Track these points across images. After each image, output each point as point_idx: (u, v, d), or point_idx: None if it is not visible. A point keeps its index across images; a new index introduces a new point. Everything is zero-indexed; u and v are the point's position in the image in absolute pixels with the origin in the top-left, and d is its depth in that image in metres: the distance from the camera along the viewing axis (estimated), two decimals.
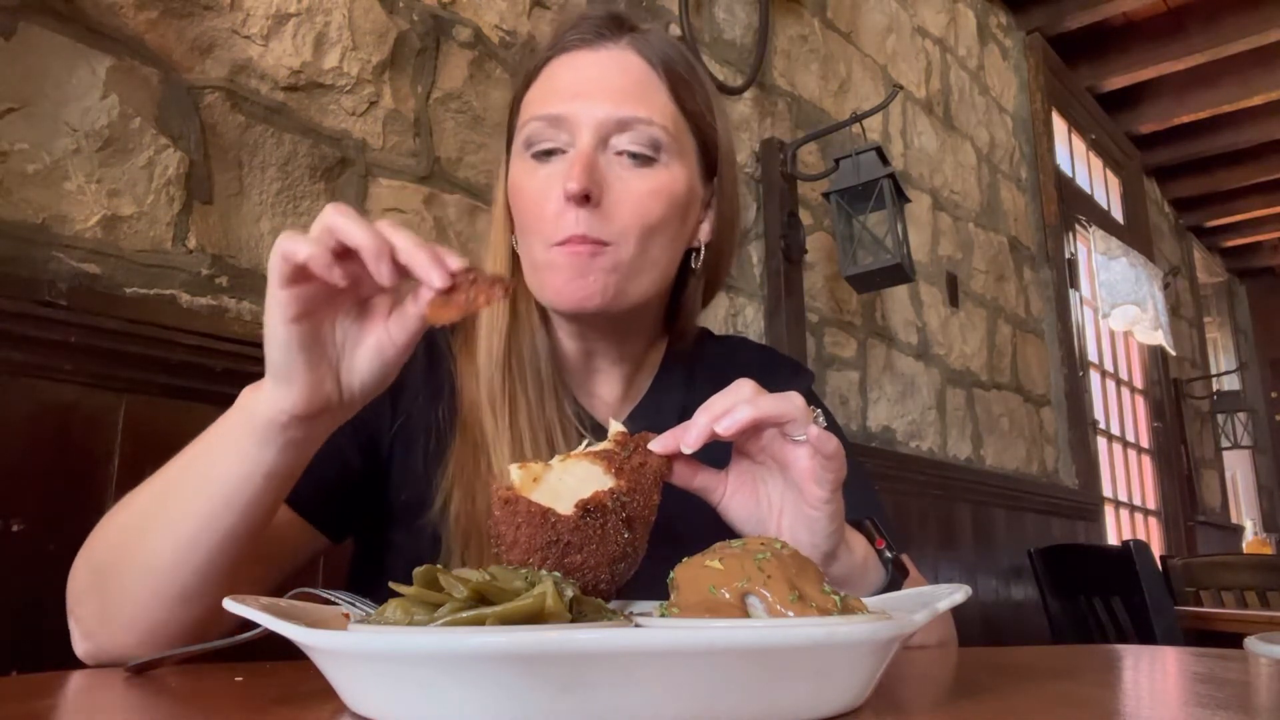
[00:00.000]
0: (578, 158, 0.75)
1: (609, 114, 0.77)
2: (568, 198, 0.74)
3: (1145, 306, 4.06)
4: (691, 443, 0.61)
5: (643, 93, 0.79)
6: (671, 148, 0.79)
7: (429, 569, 0.47)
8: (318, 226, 0.55)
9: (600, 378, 0.88)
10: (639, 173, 0.77)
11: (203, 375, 1.11)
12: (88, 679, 0.63)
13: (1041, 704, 0.48)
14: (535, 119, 0.79)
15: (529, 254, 0.80)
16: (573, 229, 0.75)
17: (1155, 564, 2.31)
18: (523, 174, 0.80)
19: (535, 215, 0.78)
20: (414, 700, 0.40)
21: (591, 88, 0.78)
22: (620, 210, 0.76)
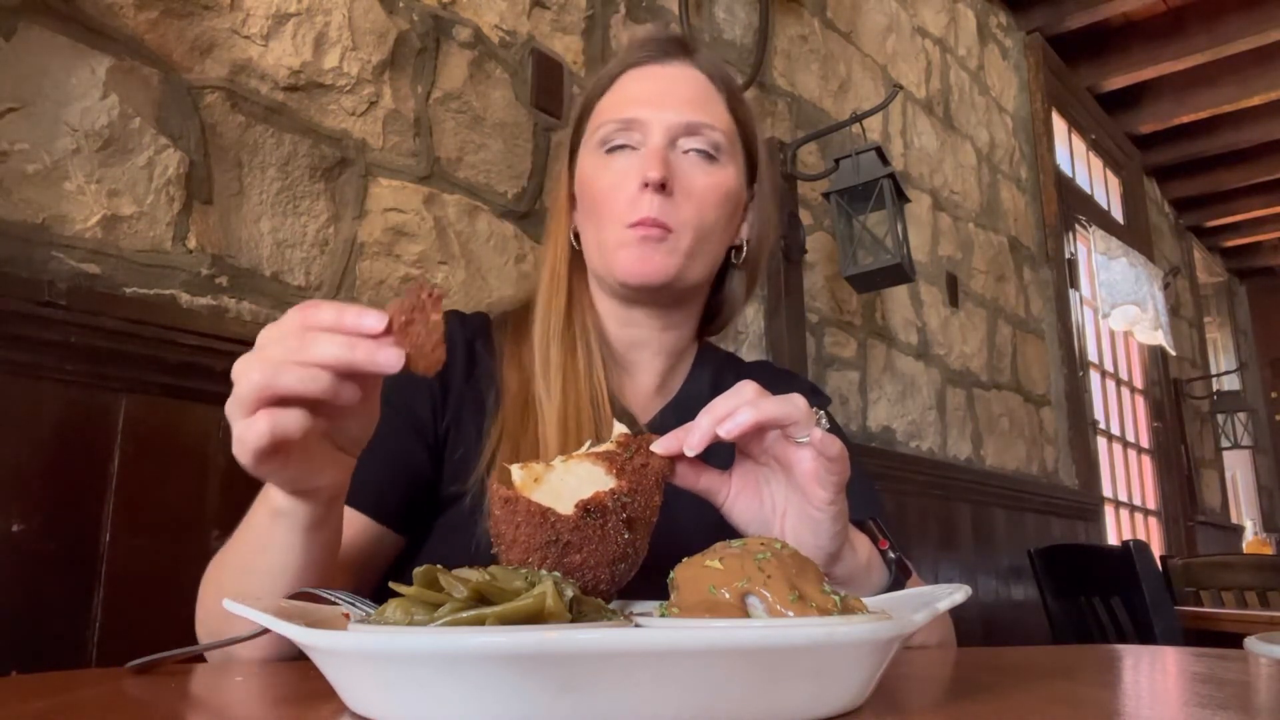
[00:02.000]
0: (654, 151, 0.86)
1: (678, 119, 0.88)
2: (648, 184, 0.84)
3: (1145, 306, 4.06)
4: (694, 445, 0.61)
5: (706, 102, 0.91)
6: (728, 151, 0.91)
7: (429, 569, 0.47)
8: (254, 388, 0.52)
9: (639, 369, 0.95)
10: (703, 169, 0.88)
11: (203, 375, 1.11)
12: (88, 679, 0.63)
13: (1041, 704, 0.48)
14: (610, 121, 0.89)
15: (599, 236, 0.89)
16: (647, 211, 0.85)
17: (1155, 564, 2.31)
18: (597, 167, 0.90)
19: (610, 201, 0.87)
20: (414, 700, 0.40)
21: (662, 97, 0.89)
22: (687, 200, 0.87)
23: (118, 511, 1.02)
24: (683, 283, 0.88)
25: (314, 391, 0.53)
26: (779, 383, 0.99)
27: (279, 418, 0.53)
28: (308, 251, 1.29)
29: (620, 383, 0.94)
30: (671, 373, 0.96)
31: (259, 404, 0.53)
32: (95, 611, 0.99)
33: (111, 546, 1.01)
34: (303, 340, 0.53)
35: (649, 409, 0.94)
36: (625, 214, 0.86)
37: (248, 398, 0.53)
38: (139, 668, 0.60)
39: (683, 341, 0.96)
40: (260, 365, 0.53)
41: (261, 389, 0.53)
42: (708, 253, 0.90)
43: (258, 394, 0.53)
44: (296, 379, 0.53)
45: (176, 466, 1.07)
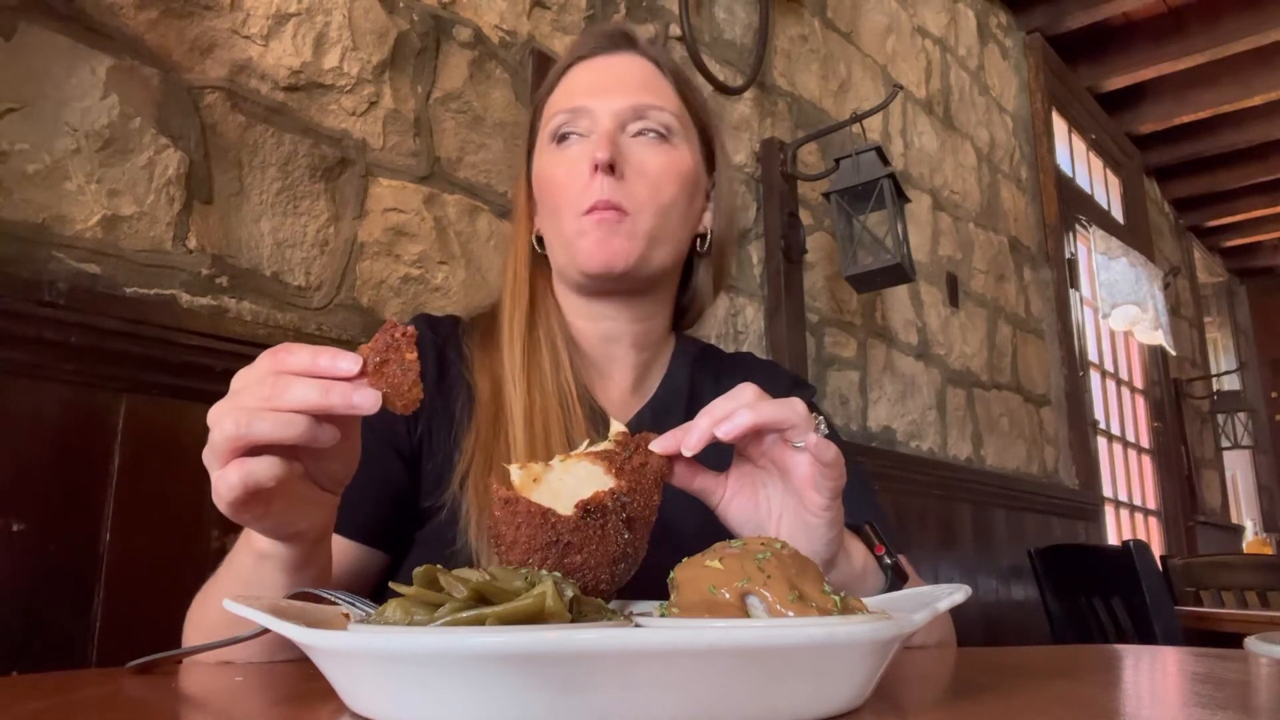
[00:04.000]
0: (602, 134, 0.86)
1: (625, 103, 0.88)
2: (596, 165, 0.84)
3: (1145, 306, 4.06)
4: (692, 445, 0.61)
5: (653, 86, 0.91)
6: (680, 132, 0.90)
7: (429, 569, 0.47)
8: (227, 438, 0.52)
9: (617, 367, 0.94)
10: (654, 149, 0.88)
11: (203, 375, 1.11)
12: (88, 679, 0.63)
13: (1041, 704, 0.48)
14: (559, 113, 0.89)
15: (559, 230, 0.88)
16: (599, 195, 0.84)
17: (1155, 564, 2.31)
18: (550, 160, 0.90)
19: (564, 191, 0.87)
20: (414, 700, 0.40)
21: (609, 84, 0.90)
22: (640, 181, 0.86)
23: (118, 511, 1.02)
24: (646, 268, 0.88)
25: (290, 438, 0.52)
26: (761, 373, 1.00)
27: (251, 467, 0.52)
28: (308, 251, 1.29)
29: (595, 382, 0.93)
30: (648, 368, 0.96)
31: (232, 454, 0.53)
32: (95, 611, 0.99)
33: (111, 546, 1.01)
34: (276, 386, 0.53)
35: (626, 408, 0.93)
36: (579, 201, 0.86)
37: (221, 448, 0.53)
38: (139, 668, 0.60)
39: (656, 334, 0.96)
40: (233, 414, 0.52)
41: (235, 439, 0.52)
42: (670, 236, 0.89)
43: (231, 444, 0.52)
44: (271, 426, 0.52)
45: (176, 466, 1.07)
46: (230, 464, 0.53)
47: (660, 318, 0.96)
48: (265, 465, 0.53)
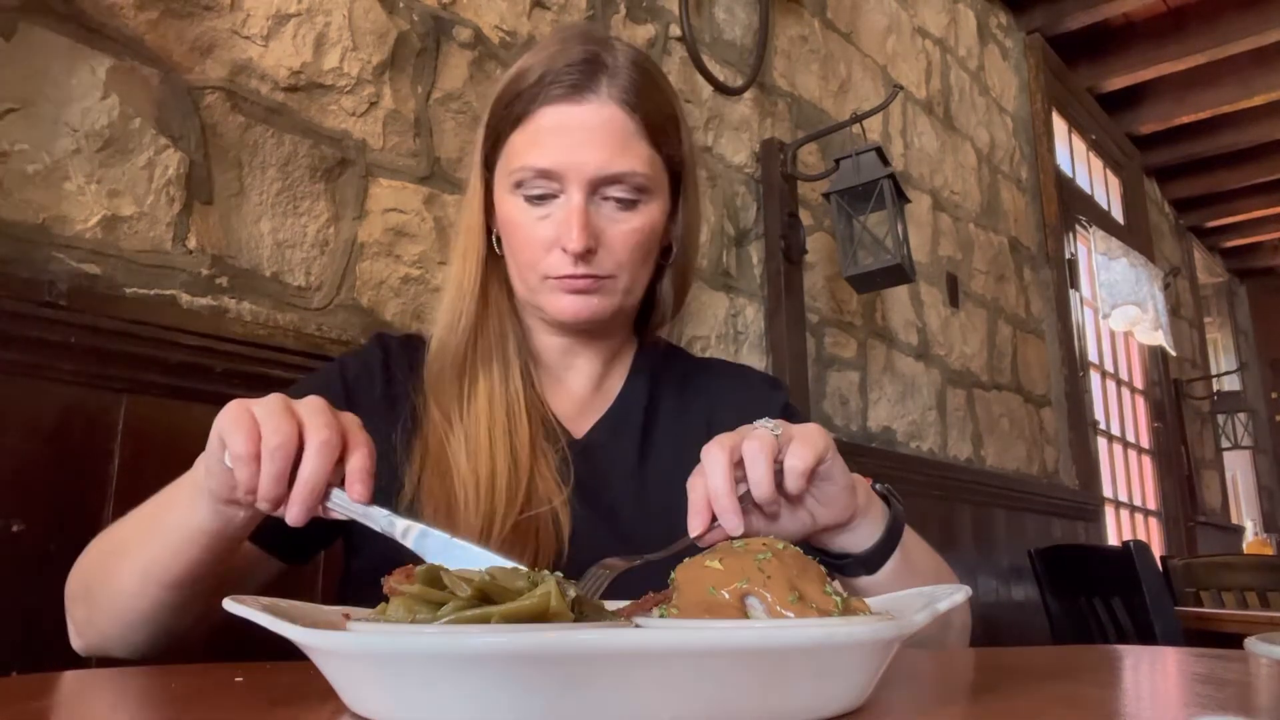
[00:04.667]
0: (575, 214, 0.82)
1: (598, 171, 0.83)
2: (570, 253, 0.82)
3: (1145, 307, 4.06)
4: (732, 528, 0.64)
5: (625, 145, 0.85)
6: (650, 188, 0.87)
7: (431, 567, 0.47)
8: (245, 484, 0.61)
9: (573, 374, 0.94)
10: (627, 215, 0.85)
11: (203, 375, 1.11)
12: (88, 679, 0.63)
13: (1041, 704, 0.48)
14: (527, 168, 0.84)
15: (522, 276, 0.87)
16: (571, 269, 0.83)
17: (1155, 564, 2.31)
18: (514, 210, 0.86)
19: (530, 250, 0.85)
20: (414, 700, 0.40)
21: (579, 142, 0.84)
22: (615, 250, 0.85)
23: (118, 511, 1.01)
24: (622, 312, 0.89)
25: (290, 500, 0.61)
26: (731, 379, 1.00)
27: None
28: (308, 252, 1.29)
29: (549, 389, 0.92)
30: (606, 376, 0.95)
31: (241, 493, 0.61)
32: None
33: None
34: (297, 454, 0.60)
35: (582, 419, 0.92)
36: (546, 267, 0.84)
37: (236, 486, 0.61)
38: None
39: (616, 344, 0.95)
40: (250, 471, 0.60)
41: (247, 490, 0.60)
42: (642, 280, 0.89)
43: (243, 487, 0.61)
44: (275, 493, 0.60)
45: (176, 466, 1.06)
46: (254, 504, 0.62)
47: (622, 329, 0.96)
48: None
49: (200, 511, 0.66)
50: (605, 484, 0.87)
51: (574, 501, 0.82)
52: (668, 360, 1.00)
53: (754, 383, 1.00)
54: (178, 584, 0.70)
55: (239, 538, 0.70)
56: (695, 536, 0.64)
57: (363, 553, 0.84)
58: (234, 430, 0.60)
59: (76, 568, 0.77)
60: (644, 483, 0.89)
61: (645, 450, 0.91)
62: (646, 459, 0.90)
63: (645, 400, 0.94)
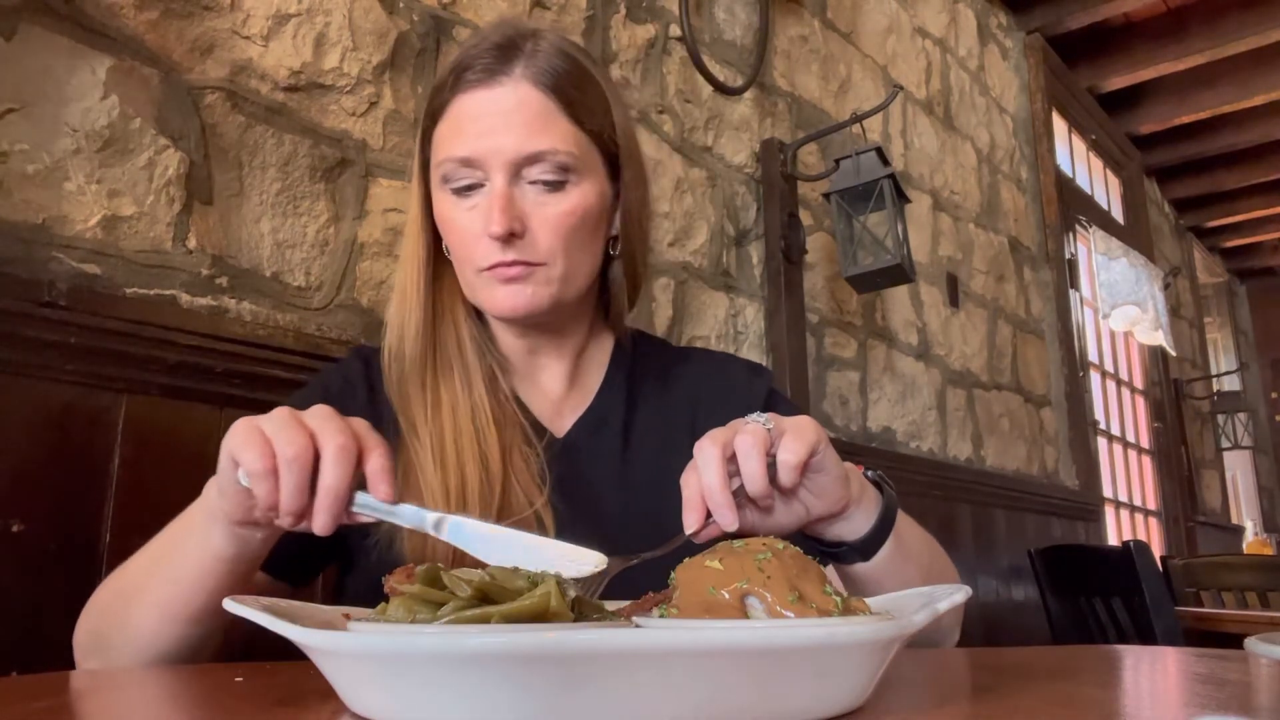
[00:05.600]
0: (495, 199, 0.81)
1: (516, 152, 0.81)
2: (493, 238, 0.81)
3: (1145, 307, 4.06)
4: (727, 523, 0.64)
5: (543, 124, 0.83)
6: (578, 168, 0.84)
7: (431, 567, 0.47)
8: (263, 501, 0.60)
9: (545, 373, 0.93)
10: (553, 198, 0.83)
11: (203, 375, 1.11)
12: (88, 679, 0.63)
13: (1041, 704, 0.48)
14: (448, 160, 0.83)
15: (462, 274, 0.86)
16: (500, 256, 0.81)
17: (1155, 564, 2.31)
18: (447, 207, 0.85)
19: (465, 246, 0.84)
20: (414, 700, 0.40)
21: (495, 127, 0.82)
22: (543, 234, 0.83)
23: (118, 511, 1.02)
24: (562, 304, 0.86)
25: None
26: (711, 367, 0.99)
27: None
28: (308, 252, 1.29)
29: (525, 390, 0.91)
30: (581, 373, 0.94)
31: (261, 511, 0.60)
32: None
33: (111, 546, 1.01)
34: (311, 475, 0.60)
35: (562, 416, 0.91)
36: (478, 258, 0.83)
37: (254, 504, 0.61)
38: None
39: (580, 340, 0.94)
40: (269, 486, 0.59)
41: (267, 507, 0.60)
42: (581, 269, 0.87)
43: (263, 504, 0.60)
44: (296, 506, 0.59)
45: (176, 466, 1.07)
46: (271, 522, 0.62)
47: (582, 325, 0.94)
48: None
49: (215, 538, 0.65)
50: (588, 482, 0.86)
51: (557, 503, 0.82)
52: (646, 351, 0.98)
53: (736, 371, 0.99)
54: (198, 618, 0.69)
55: (256, 560, 0.69)
56: (691, 533, 0.64)
57: (358, 567, 0.83)
58: (246, 448, 0.59)
59: (83, 619, 0.75)
60: (628, 479, 0.88)
61: (628, 446, 0.90)
62: (629, 454, 0.90)
63: (625, 395, 0.93)
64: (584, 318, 0.94)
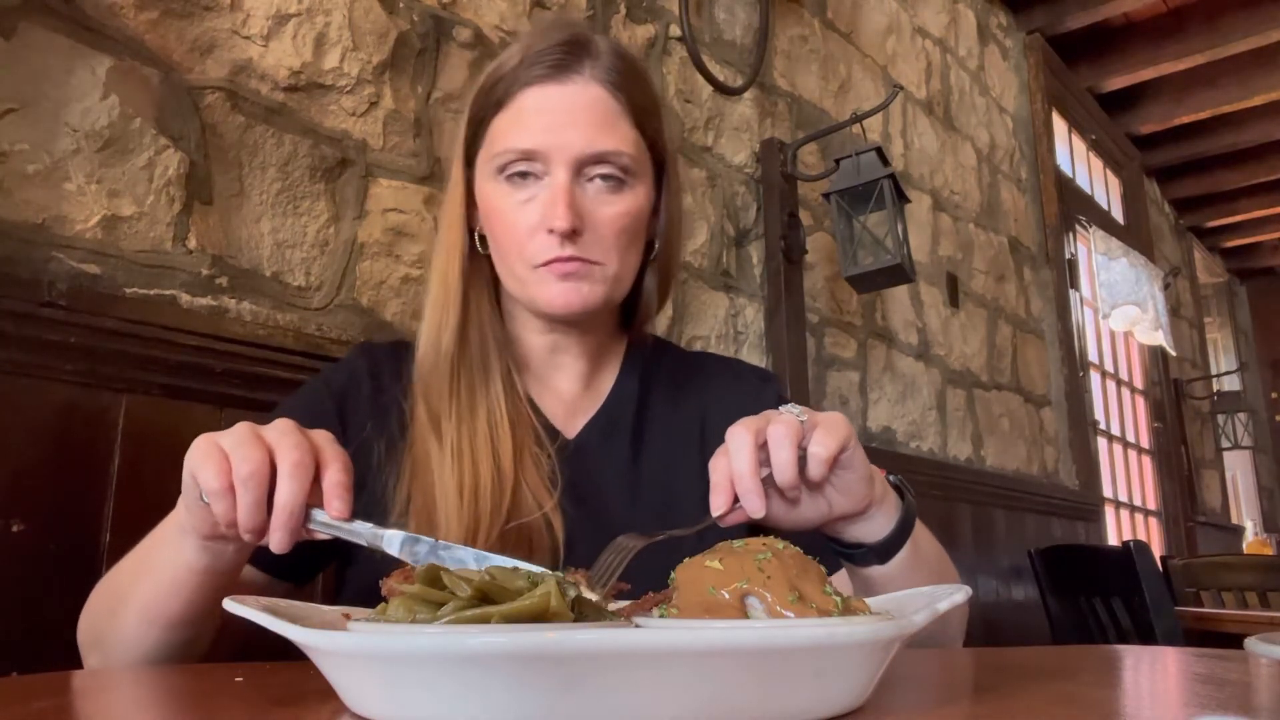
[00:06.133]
0: (560, 194, 0.81)
1: (583, 150, 0.82)
2: (556, 233, 0.80)
3: (1145, 307, 4.06)
4: (754, 510, 0.65)
5: (610, 125, 0.84)
6: (636, 171, 0.86)
7: (431, 567, 0.47)
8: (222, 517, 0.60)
9: (561, 374, 0.92)
10: (613, 198, 0.84)
11: (203, 375, 1.11)
12: (88, 679, 0.63)
13: (1041, 704, 0.48)
14: (510, 150, 0.83)
15: (510, 267, 0.85)
16: (558, 251, 0.81)
17: (1155, 564, 2.31)
18: (497, 196, 0.85)
19: (513, 233, 0.83)
20: (414, 700, 0.40)
21: (563, 122, 0.83)
22: (602, 233, 0.83)
23: (118, 511, 1.02)
24: (611, 303, 0.87)
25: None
26: (722, 374, 0.99)
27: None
28: (308, 252, 1.29)
29: (537, 391, 0.91)
30: (595, 375, 0.94)
31: (222, 526, 0.60)
32: None
33: (111, 546, 1.01)
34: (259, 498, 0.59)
35: (574, 418, 0.91)
36: (533, 253, 0.82)
37: (213, 519, 0.60)
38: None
39: (603, 341, 0.94)
40: (227, 504, 0.59)
41: (227, 524, 0.60)
42: (629, 270, 0.88)
43: (222, 521, 0.60)
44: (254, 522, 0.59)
45: (176, 466, 1.06)
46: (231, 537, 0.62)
47: (609, 325, 0.94)
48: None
49: (187, 550, 0.66)
50: (598, 485, 0.86)
51: (566, 505, 0.81)
52: (658, 356, 0.98)
53: (745, 377, 0.99)
54: (177, 624, 0.69)
55: (232, 571, 0.69)
56: (717, 516, 0.64)
57: (358, 560, 0.83)
58: (204, 465, 0.59)
59: (83, 617, 0.76)
60: (638, 482, 0.88)
61: (638, 449, 0.90)
62: (639, 458, 0.90)
63: (636, 398, 0.93)
64: (610, 321, 0.94)
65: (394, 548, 0.61)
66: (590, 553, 0.62)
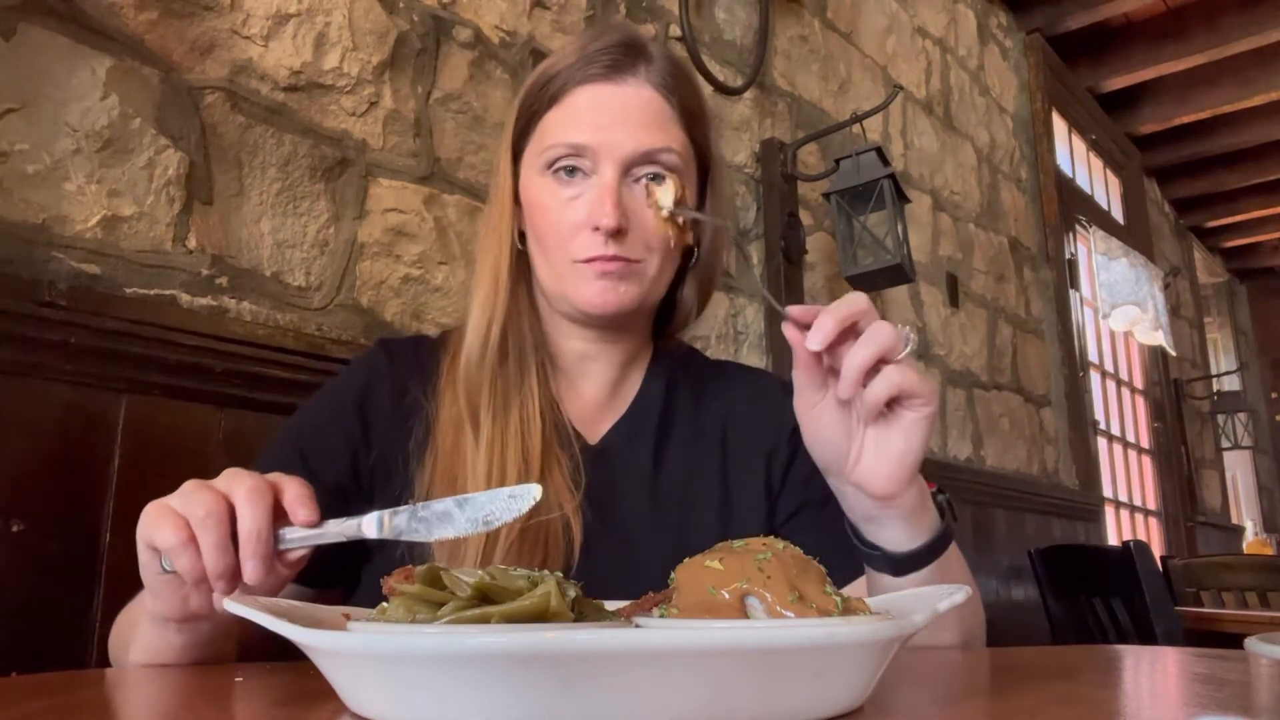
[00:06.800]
0: (608, 192, 0.81)
1: (634, 148, 0.82)
2: (601, 230, 0.80)
3: (1145, 307, 4.06)
4: (817, 343, 0.66)
5: (662, 127, 0.85)
6: (682, 172, 0.85)
7: (431, 567, 0.47)
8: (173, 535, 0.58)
9: (588, 379, 0.91)
10: None
11: (203, 375, 1.11)
12: (88, 680, 0.63)
13: (1041, 704, 0.48)
14: (560, 144, 0.84)
15: (551, 263, 0.85)
16: (601, 249, 0.81)
17: (1155, 564, 2.31)
18: (543, 191, 0.85)
19: (556, 229, 0.83)
20: (414, 700, 0.40)
21: (615, 121, 0.83)
22: (645, 233, 0.82)
23: (118, 512, 1.02)
24: (645, 306, 0.87)
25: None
26: (747, 383, 0.97)
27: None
28: (308, 252, 1.29)
29: (564, 393, 0.90)
30: (621, 381, 0.93)
31: (191, 586, 0.59)
32: (95, 612, 0.99)
33: (111, 547, 1.01)
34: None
35: (596, 425, 0.90)
36: (576, 249, 0.82)
37: (185, 592, 0.60)
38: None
39: (634, 347, 0.93)
40: (191, 555, 0.57)
41: (196, 580, 0.58)
42: (667, 274, 0.88)
43: (191, 577, 0.58)
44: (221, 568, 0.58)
45: (176, 466, 1.07)
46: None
47: (642, 331, 0.94)
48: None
49: (168, 634, 0.65)
50: (618, 492, 0.85)
51: (585, 509, 0.80)
52: (685, 364, 0.97)
53: (769, 389, 0.97)
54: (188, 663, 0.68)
55: (222, 633, 0.67)
56: (789, 316, 0.67)
57: (376, 559, 0.81)
58: (159, 527, 0.57)
59: (112, 634, 0.77)
60: (657, 492, 0.87)
61: (660, 458, 0.89)
62: (661, 467, 0.89)
63: (661, 405, 0.92)
64: (644, 326, 0.94)
65: (372, 531, 0.60)
66: (605, 558, 0.61)
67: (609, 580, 0.63)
